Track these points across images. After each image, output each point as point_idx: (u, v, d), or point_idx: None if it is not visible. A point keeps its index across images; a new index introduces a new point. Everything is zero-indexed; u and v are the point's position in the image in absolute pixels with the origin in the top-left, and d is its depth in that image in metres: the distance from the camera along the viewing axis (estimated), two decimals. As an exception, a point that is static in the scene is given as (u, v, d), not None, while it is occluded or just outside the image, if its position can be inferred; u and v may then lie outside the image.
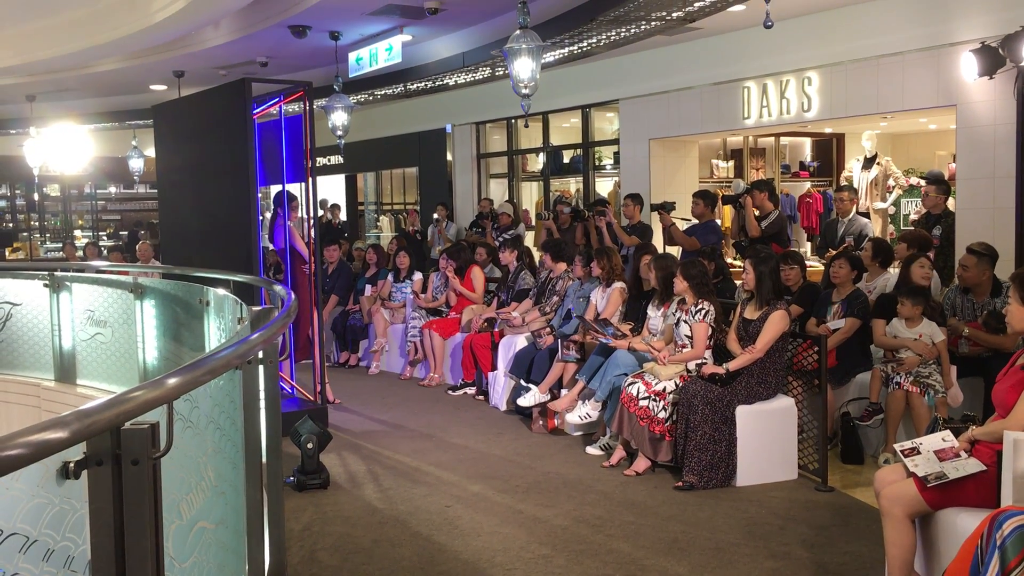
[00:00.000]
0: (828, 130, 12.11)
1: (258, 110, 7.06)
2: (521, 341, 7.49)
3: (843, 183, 11.31)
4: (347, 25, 10.00)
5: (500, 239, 10.71)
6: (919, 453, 3.64)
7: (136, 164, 15.27)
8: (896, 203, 10.79)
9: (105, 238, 18.04)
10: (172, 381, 1.99)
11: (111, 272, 8.13)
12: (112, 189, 18.95)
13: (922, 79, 8.18)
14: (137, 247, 11.72)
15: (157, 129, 8.51)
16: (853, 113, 9.06)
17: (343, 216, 16.83)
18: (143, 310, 6.99)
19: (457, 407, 7.70)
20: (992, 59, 7.15)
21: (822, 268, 8.14)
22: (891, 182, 10.78)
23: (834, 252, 7.39)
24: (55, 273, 7.90)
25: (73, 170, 17.38)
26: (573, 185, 13.54)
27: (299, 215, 7.75)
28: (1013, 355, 3.78)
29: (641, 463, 5.60)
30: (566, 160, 13.21)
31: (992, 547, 2.91)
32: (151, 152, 10.35)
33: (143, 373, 7.00)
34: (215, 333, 5.13)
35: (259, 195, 7.17)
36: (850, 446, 5.80)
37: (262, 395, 3.34)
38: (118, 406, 1.74)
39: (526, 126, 13.10)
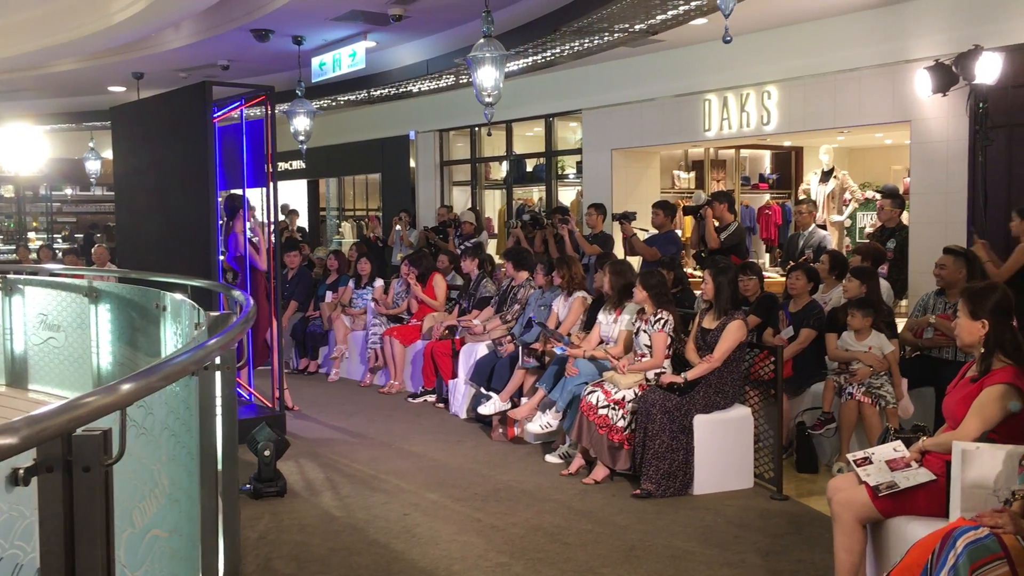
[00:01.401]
0: (787, 143, 12.29)
1: (219, 114, 7.00)
2: (482, 349, 7.49)
3: (801, 196, 11.49)
4: (310, 30, 9.96)
5: (462, 247, 10.71)
6: (871, 463, 3.71)
7: (93, 166, 15.05)
8: (852, 216, 10.98)
9: (60, 241, 17.74)
10: (126, 387, 1.97)
11: (66, 275, 8.02)
12: (68, 191, 18.65)
13: (878, 95, 8.34)
14: (93, 250, 11.55)
15: (115, 131, 8.40)
16: (811, 127, 9.21)
17: (301, 222, 16.69)
18: (98, 314, 6.90)
19: (417, 415, 7.68)
20: (946, 77, 7.31)
21: (780, 279, 8.25)
22: (847, 195, 10.97)
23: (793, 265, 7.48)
24: (7, 276, 7.77)
25: (28, 171, 17.11)
26: (536, 194, 13.59)
27: (250, 223, 7.55)
28: (962, 367, 3.86)
29: (600, 471, 5.63)
30: (529, 169, 13.26)
31: (943, 563, 2.96)
32: (108, 154, 10.22)
33: (97, 378, 6.89)
34: (171, 338, 5.08)
35: (219, 199, 7.11)
36: (804, 455, 5.88)
37: (219, 402, 3.31)
38: (70, 412, 1.72)
39: (489, 134, 13.12)
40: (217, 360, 3.26)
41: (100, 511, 1.83)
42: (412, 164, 14.55)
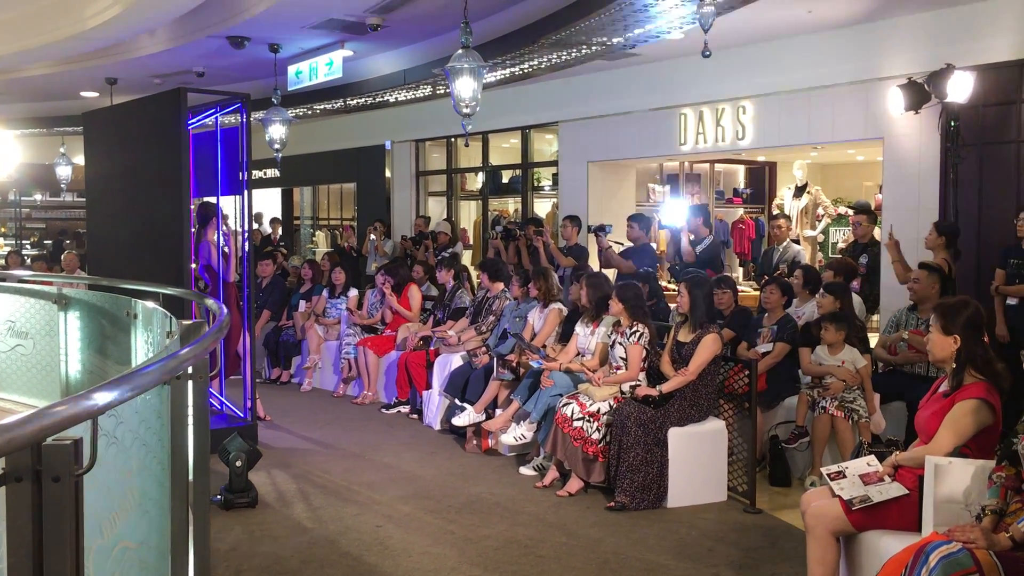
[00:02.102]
0: (761, 158, 12.39)
1: (194, 121, 6.95)
2: (456, 360, 7.47)
3: (775, 211, 11.58)
4: (287, 38, 9.92)
5: (437, 257, 10.69)
6: (845, 477, 3.73)
7: (64, 171, 14.89)
8: (825, 231, 11.08)
9: (29, 247, 17.52)
10: (98, 396, 1.93)
11: (34, 282, 7.90)
12: (37, 196, 18.44)
13: (851, 112, 8.43)
14: (63, 257, 11.41)
15: (87, 136, 8.30)
16: (785, 143, 9.29)
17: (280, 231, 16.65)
18: (67, 322, 6.79)
19: (391, 425, 7.64)
20: (918, 95, 7.40)
21: (754, 293, 8.30)
22: (820, 211, 11.07)
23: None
24: (-26, 282, 7.63)
25: (-3, 176, 16.88)
26: (512, 205, 13.60)
27: (218, 232, 7.33)
28: (935, 383, 3.90)
29: (574, 484, 5.62)
30: (505, 180, 13.26)
31: (917, 577, 2.98)
32: (80, 160, 10.11)
33: (65, 387, 6.79)
34: (143, 347, 5.01)
35: (192, 207, 7.05)
36: (778, 469, 5.91)
37: (190, 411, 3.26)
38: (40, 421, 1.68)
39: (466, 145, 13.05)
40: (189, 369, 3.22)
41: (70, 522, 1.79)
42: (388, 174, 14.52)
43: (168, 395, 3.10)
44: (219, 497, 5.26)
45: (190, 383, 3.28)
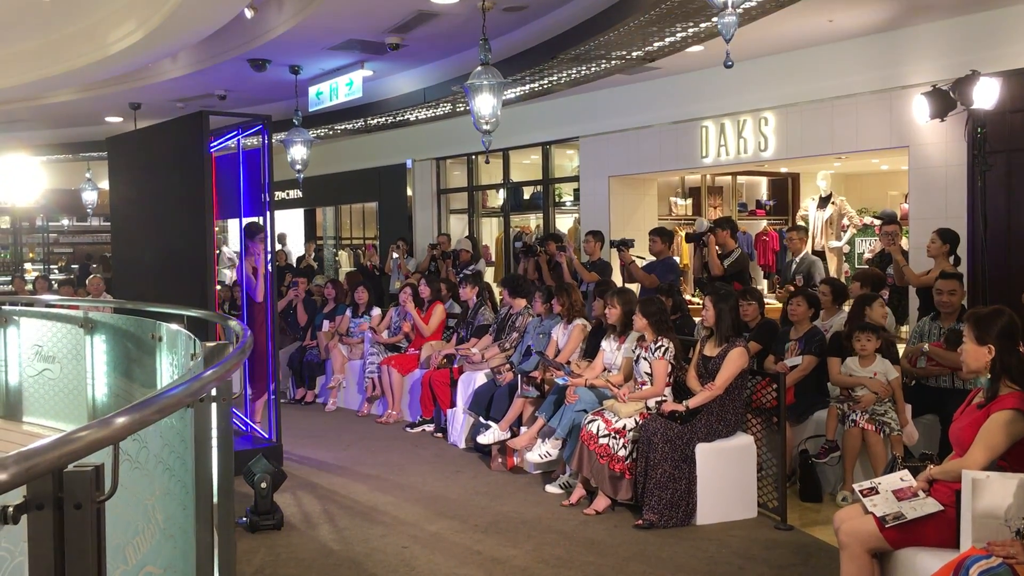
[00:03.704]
0: (784, 170, 12.30)
1: (216, 143, 6.99)
2: (480, 378, 7.43)
3: (799, 222, 11.49)
4: (307, 59, 9.99)
5: (460, 275, 10.68)
6: (878, 493, 3.65)
7: (89, 196, 15.05)
8: (851, 242, 10.96)
9: (56, 271, 17.70)
10: (120, 420, 1.91)
11: (61, 306, 7.96)
12: (64, 221, 18.64)
13: (875, 121, 8.35)
14: (88, 281, 11.51)
15: (112, 161, 8.38)
16: (808, 153, 9.22)
17: (297, 251, 16.77)
18: (93, 345, 6.84)
19: (415, 444, 7.60)
20: (943, 102, 7.32)
21: (779, 305, 8.21)
22: (845, 221, 10.96)
23: (790, 289, 7.46)
24: (3, 307, 7.71)
25: (24, 202, 17.09)
26: (533, 221, 13.58)
27: (261, 248, 7.30)
28: (969, 394, 3.81)
29: (601, 501, 5.55)
30: (526, 196, 13.26)
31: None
32: (105, 184, 10.21)
33: (92, 410, 6.82)
34: (167, 369, 5.02)
35: (216, 229, 7.08)
36: (808, 484, 5.81)
37: (214, 434, 3.25)
38: (61, 447, 1.67)
39: (487, 162, 13.14)
40: (213, 391, 3.21)
41: (92, 549, 1.77)
42: (409, 192, 14.56)
43: (192, 418, 3.09)
44: (245, 519, 5.25)
45: (214, 405, 3.27)
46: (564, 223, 12.99)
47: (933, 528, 3.49)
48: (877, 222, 9.81)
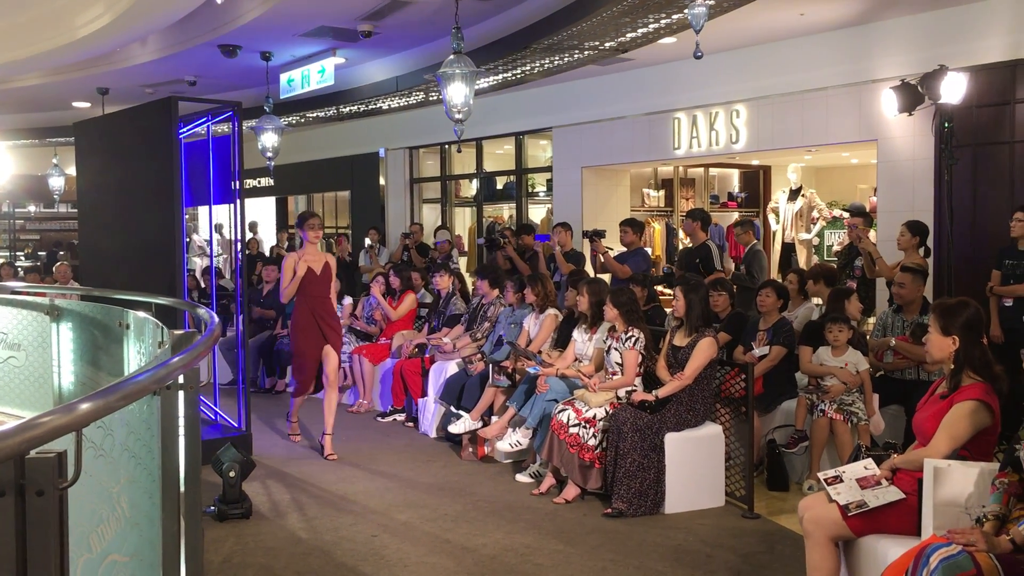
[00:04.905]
0: (755, 162, 12.38)
1: (185, 130, 6.92)
2: (452, 367, 7.43)
3: (769, 214, 11.59)
4: (279, 46, 9.91)
5: (428, 263, 10.67)
6: (842, 481, 3.69)
7: (57, 182, 14.85)
8: (820, 234, 11.06)
9: (23, 258, 17.45)
10: (84, 407, 1.89)
11: (27, 293, 7.85)
12: (31, 208, 18.39)
13: (845, 114, 8.43)
14: (55, 268, 11.37)
15: (79, 147, 8.27)
16: (779, 146, 9.28)
17: (270, 240, 16.66)
18: (60, 333, 6.75)
19: (386, 434, 7.59)
20: (911, 96, 7.39)
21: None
22: (815, 214, 11.06)
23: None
24: (-34, 294, 7.59)
25: (-10, 188, 16.83)
26: (506, 211, 13.58)
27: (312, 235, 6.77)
28: (932, 384, 3.87)
29: (571, 491, 5.58)
30: (499, 186, 13.25)
31: (919, 582, 2.95)
32: (73, 170, 10.07)
33: (58, 398, 6.74)
34: (135, 357, 4.97)
35: (185, 216, 7.01)
36: (776, 473, 5.87)
37: (181, 422, 3.22)
38: (23, 433, 1.65)
39: (459, 151, 13.12)
40: (180, 379, 3.18)
41: (54, 536, 1.76)
42: (382, 181, 14.50)
43: (158, 405, 3.06)
44: (213, 508, 5.22)
45: (181, 393, 3.24)
46: (537, 213, 13.00)
47: (895, 516, 3.54)
48: (846, 215, 9.91)
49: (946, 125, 7.13)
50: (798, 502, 3.97)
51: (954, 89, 7.09)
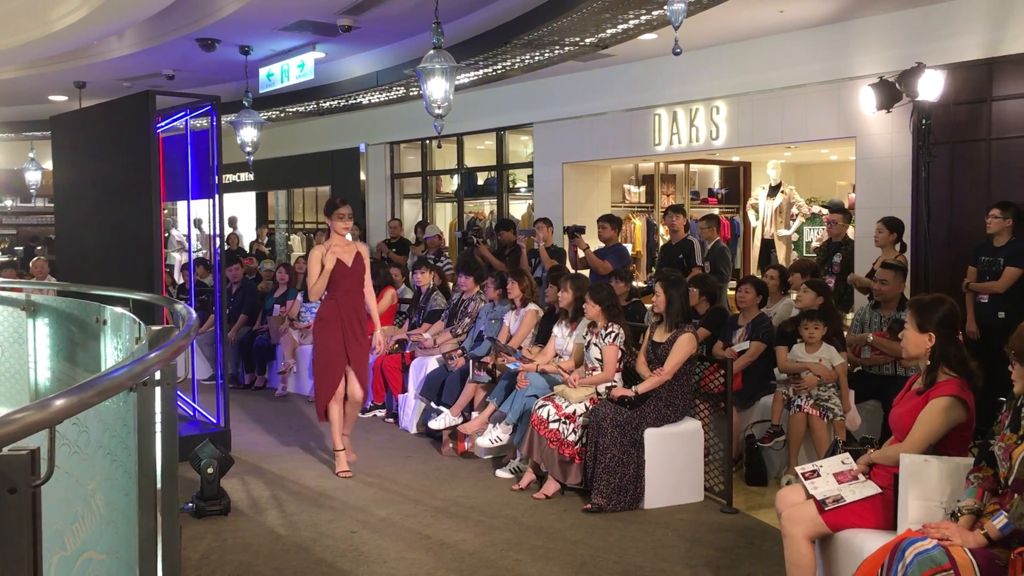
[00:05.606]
0: (735, 159, 12.43)
1: (163, 124, 6.86)
2: (432, 363, 7.42)
3: (749, 211, 11.65)
4: (258, 40, 9.84)
5: (415, 259, 10.65)
6: (819, 475, 3.72)
7: (33, 177, 14.72)
8: (799, 230, 11.13)
9: (0, 254, 17.29)
10: (58, 403, 1.87)
11: (3, 289, 7.77)
12: (8, 202, 18.21)
13: (824, 111, 8.47)
14: (32, 263, 11.26)
15: (56, 141, 8.19)
16: (759, 142, 9.32)
17: (250, 235, 16.58)
18: (36, 329, 6.68)
19: (366, 430, 7.57)
20: (889, 93, 7.44)
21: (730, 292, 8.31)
22: (794, 210, 11.12)
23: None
24: (-59, 289, 7.50)
25: (-35, 182, 16.65)
26: (487, 207, 13.56)
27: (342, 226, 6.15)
28: (908, 380, 3.90)
29: (551, 486, 5.59)
30: (480, 182, 13.23)
31: (894, 575, 2.97)
32: (49, 165, 9.97)
33: (35, 395, 6.67)
34: (112, 353, 4.93)
35: (163, 211, 6.96)
36: (754, 468, 5.90)
37: (158, 418, 3.20)
38: (-6, 430, 1.63)
39: (439, 147, 13.03)
40: (157, 375, 3.16)
41: (27, 534, 1.74)
42: (363, 177, 14.45)
43: (135, 402, 3.04)
44: (191, 505, 5.19)
45: (158, 389, 3.22)
46: (518, 209, 13.00)
47: (871, 511, 3.57)
48: (825, 211, 9.97)
49: (923, 122, 7.18)
50: (776, 496, 4.00)
51: (931, 87, 7.14)
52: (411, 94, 11.03)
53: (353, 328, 6.07)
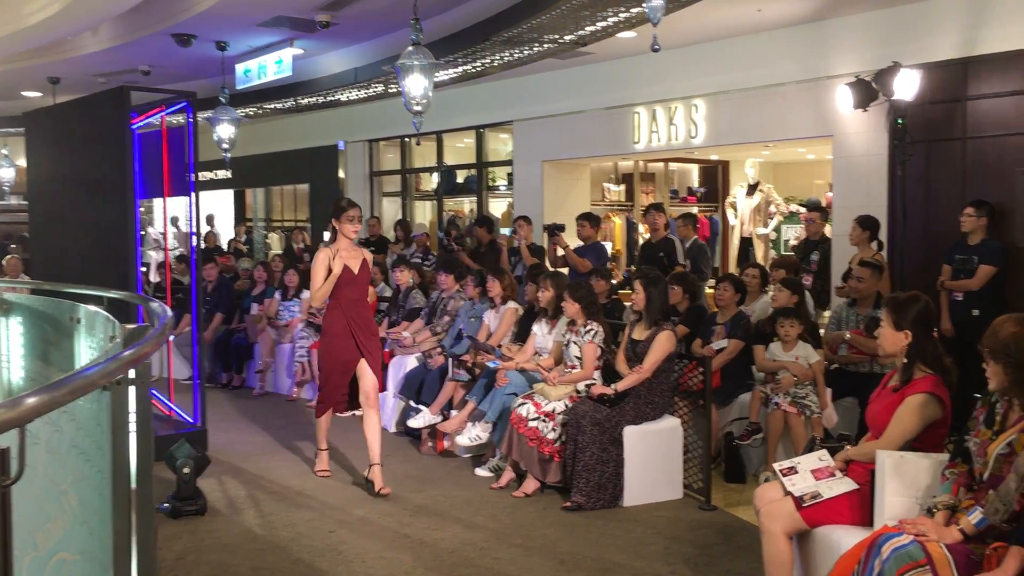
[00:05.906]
0: (714, 157, 12.47)
1: (138, 120, 6.79)
2: (411, 361, 7.40)
3: (727, 209, 11.70)
4: (235, 35, 9.77)
5: (394, 257, 10.60)
6: (797, 472, 3.74)
7: (6, 174, 14.56)
8: (777, 229, 11.18)
9: (-28, 251, 17.05)
10: (30, 401, 1.85)
11: (-26, 287, 7.67)
12: (-20, 200, 17.96)
13: (801, 110, 8.51)
14: (5, 261, 11.12)
15: (29, 138, 8.10)
16: (737, 141, 9.36)
17: (228, 233, 16.46)
18: (8, 327, 6.60)
19: (345, 429, 7.51)
20: (866, 93, 7.49)
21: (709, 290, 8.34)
22: (772, 209, 11.17)
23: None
24: (-89, 287, 7.40)
25: (-63, 178, 16.39)
26: (467, 205, 13.54)
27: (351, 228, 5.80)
28: (884, 377, 3.92)
29: (530, 484, 5.58)
30: (460, 180, 13.20)
31: (870, 570, 2.99)
32: (23, 161, 9.87)
33: (8, 394, 6.60)
34: (86, 352, 4.87)
35: (139, 209, 6.90)
36: (732, 465, 5.93)
37: (132, 417, 3.16)
38: (-39, 431, 1.61)
39: (418, 144, 13.05)
40: (132, 374, 3.12)
41: (-3, 534, 1.72)
42: (341, 174, 14.38)
43: (108, 401, 3.00)
44: (167, 505, 5.14)
45: (132, 388, 3.18)
46: (498, 207, 12.98)
47: (848, 507, 3.59)
48: (803, 210, 10.02)
49: (899, 121, 7.23)
50: (754, 493, 4.01)
51: (907, 86, 7.20)
52: (390, 91, 10.98)
53: (365, 329, 5.81)
